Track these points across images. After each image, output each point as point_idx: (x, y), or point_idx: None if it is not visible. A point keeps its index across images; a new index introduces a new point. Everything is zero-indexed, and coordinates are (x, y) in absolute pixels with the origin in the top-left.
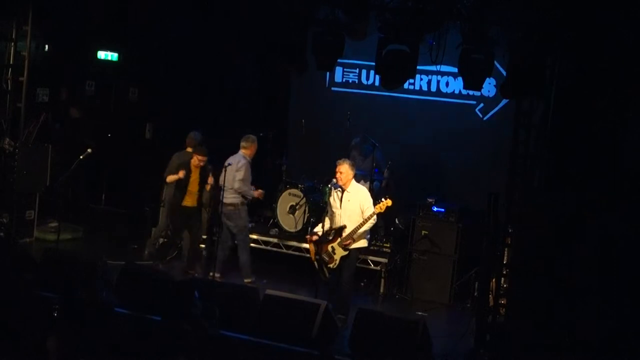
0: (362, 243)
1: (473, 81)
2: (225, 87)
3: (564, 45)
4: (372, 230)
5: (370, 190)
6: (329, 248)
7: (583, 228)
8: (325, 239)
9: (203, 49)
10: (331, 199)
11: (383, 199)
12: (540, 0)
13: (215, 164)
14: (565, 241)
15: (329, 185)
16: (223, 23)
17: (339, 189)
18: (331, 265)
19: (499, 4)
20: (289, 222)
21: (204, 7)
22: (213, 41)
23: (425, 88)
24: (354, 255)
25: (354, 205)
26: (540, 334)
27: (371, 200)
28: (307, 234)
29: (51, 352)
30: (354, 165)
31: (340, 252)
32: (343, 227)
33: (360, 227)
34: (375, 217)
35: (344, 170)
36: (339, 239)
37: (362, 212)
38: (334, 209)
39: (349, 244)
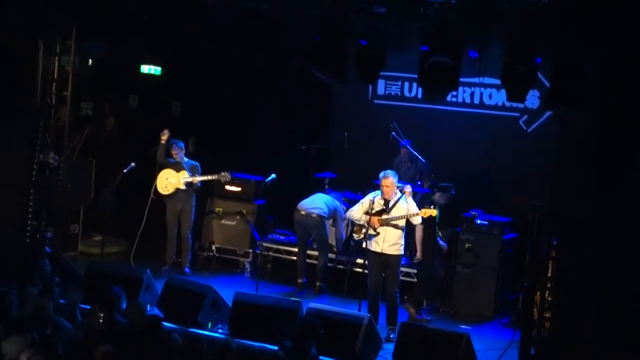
0: (399, 250)
1: (516, 93)
2: (268, 101)
3: (608, 55)
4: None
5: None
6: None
7: (628, 240)
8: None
9: (246, 63)
10: (374, 205)
11: (431, 207)
12: (583, 11)
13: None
14: (610, 254)
15: (373, 196)
16: (265, 37)
17: (382, 198)
18: (355, 236)
19: (541, 14)
20: (332, 235)
21: (248, 22)
22: (256, 55)
23: (468, 100)
24: (394, 265)
25: (399, 208)
26: (585, 348)
27: (415, 205)
28: (349, 247)
29: None
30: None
31: (370, 231)
32: (384, 211)
33: (399, 219)
34: (419, 218)
35: (390, 183)
36: (376, 218)
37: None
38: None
39: (377, 227)
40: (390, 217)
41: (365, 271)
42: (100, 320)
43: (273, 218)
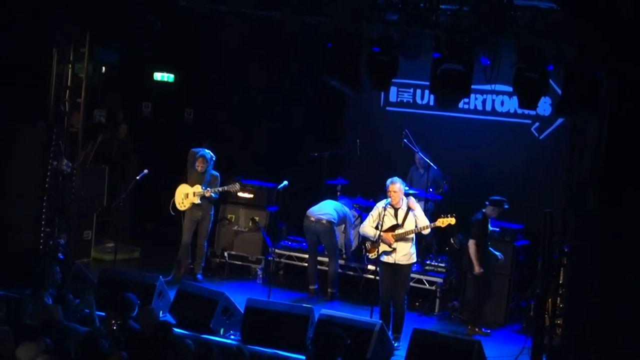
0: (411, 259)
1: (528, 100)
2: (280, 108)
3: (620, 61)
4: (425, 249)
5: (425, 210)
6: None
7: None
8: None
9: (258, 70)
10: (385, 217)
11: (449, 216)
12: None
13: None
14: (623, 260)
15: (382, 206)
16: (278, 44)
17: (391, 206)
18: (370, 255)
19: (554, 22)
20: (341, 241)
21: (260, 29)
22: (268, 62)
23: (480, 107)
24: (405, 273)
25: (410, 220)
26: (597, 355)
27: (423, 213)
28: (362, 253)
29: None
30: (403, 184)
31: (384, 247)
32: (397, 226)
33: (412, 233)
34: (429, 229)
35: (398, 189)
36: (390, 234)
37: (417, 224)
38: (386, 223)
39: (392, 243)
40: (404, 231)
41: (377, 277)
42: (115, 327)
43: (285, 225)
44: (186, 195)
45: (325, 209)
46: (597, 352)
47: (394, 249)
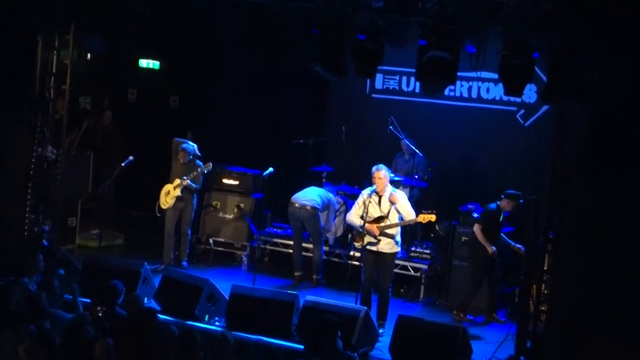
0: (395, 248)
1: (514, 87)
2: (266, 95)
3: (606, 49)
4: (410, 236)
5: (410, 197)
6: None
7: (625, 233)
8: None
9: (243, 55)
10: (369, 205)
11: (430, 212)
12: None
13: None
14: (607, 247)
15: (367, 193)
16: (264, 31)
17: (375, 194)
18: (357, 244)
19: (540, 10)
20: (327, 227)
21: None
22: (254, 49)
23: (466, 94)
24: (389, 262)
25: (394, 210)
26: (581, 341)
27: (410, 205)
28: (346, 240)
29: (97, 356)
30: (389, 171)
31: (368, 238)
32: (382, 217)
33: (397, 226)
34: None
35: (383, 176)
36: (375, 225)
37: (402, 215)
38: (371, 212)
39: (377, 234)
40: (389, 224)
41: (361, 264)
42: (100, 314)
43: (270, 211)
44: (167, 193)
45: (310, 196)
46: (582, 337)
47: (379, 241)
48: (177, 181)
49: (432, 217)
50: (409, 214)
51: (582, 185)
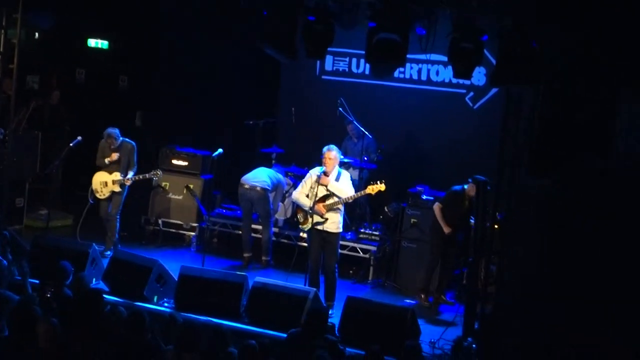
0: (339, 228)
1: (463, 70)
2: (216, 76)
3: (554, 33)
4: (359, 217)
5: (360, 179)
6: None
7: (572, 214)
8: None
9: (194, 36)
10: (314, 183)
11: (379, 182)
12: None
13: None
14: (555, 228)
15: (317, 174)
16: (213, 12)
17: (324, 174)
18: (304, 227)
19: None
20: (280, 210)
21: None
22: (204, 29)
23: (415, 77)
24: (333, 242)
25: (337, 188)
26: (528, 322)
27: (351, 184)
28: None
29: (41, 337)
30: (339, 152)
31: (316, 217)
32: (328, 195)
33: (341, 203)
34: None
35: (333, 157)
36: (321, 204)
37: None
38: (317, 192)
39: (324, 213)
40: (335, 201)
41: (308, 246)
42: (48, 295)
43: (220, 192)
44: (105, 184)
45: (260, 177)
46: (529, 318)
47: (327, 220)
48: (117, 175)
49: (382, 187)
50: (342, 191)
51: (531, 168)
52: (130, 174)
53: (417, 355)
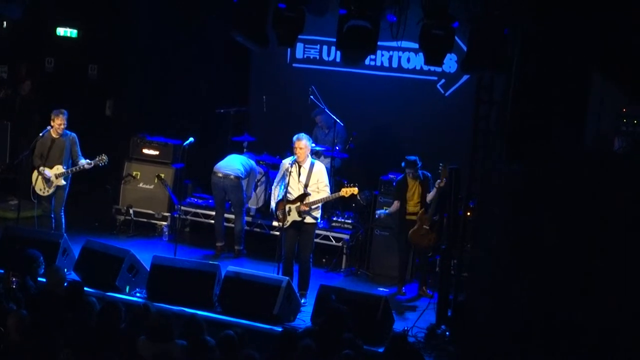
0: (315, 218)
1: (434, 57)
2: (186, 64)
3: (525, 21)
4: (331, 206)
5: (332, 167)
6: (286, 207)
7: (543, 202)
8: (285, 199)
9: (164, 25)
10: (288, 174)
11: (351, 185)
12: None
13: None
14: (527, 215)
15: (288, 163)
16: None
17: (296, 163)
18: (282, 224)
19: None
20: (252, 198)
21: None
22: (174, 17)
23: (386, 64)
24: (310, 232)
25: (311, 180)
26: (500, 308)
27: (327, 179)
28: (268, 210)
29: (11, 329)
30: (310, 141)
31: (294, 216)
32: (307, 194)
33: (319, 202)
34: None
35: (304, 145)
36: (298, 203)
37: (318, 188)
38: (291, 184)
39: (304, 211)
40: (312, 201)
41: (282, 234)
42: (14, 285)
43: (191, 182)
44: (47, 181)
45: (233, 165)
46: (502, 305)
47: (304, 218)
48: (60, 169)
49: (355, 190)
50: (324, 196)
51: (503, 155)
52: (82, 162)
53: (403, 344)
